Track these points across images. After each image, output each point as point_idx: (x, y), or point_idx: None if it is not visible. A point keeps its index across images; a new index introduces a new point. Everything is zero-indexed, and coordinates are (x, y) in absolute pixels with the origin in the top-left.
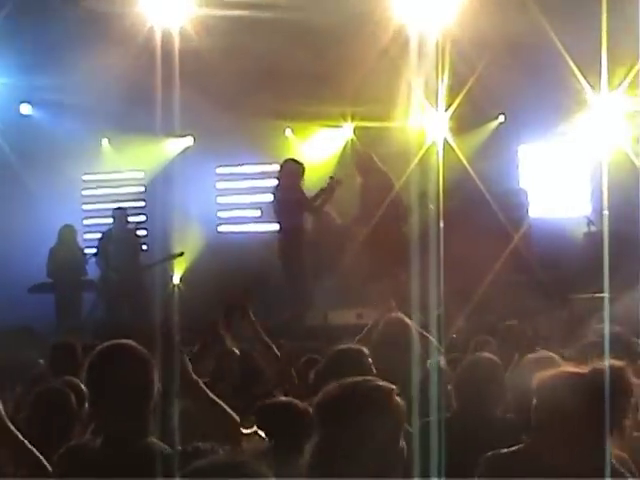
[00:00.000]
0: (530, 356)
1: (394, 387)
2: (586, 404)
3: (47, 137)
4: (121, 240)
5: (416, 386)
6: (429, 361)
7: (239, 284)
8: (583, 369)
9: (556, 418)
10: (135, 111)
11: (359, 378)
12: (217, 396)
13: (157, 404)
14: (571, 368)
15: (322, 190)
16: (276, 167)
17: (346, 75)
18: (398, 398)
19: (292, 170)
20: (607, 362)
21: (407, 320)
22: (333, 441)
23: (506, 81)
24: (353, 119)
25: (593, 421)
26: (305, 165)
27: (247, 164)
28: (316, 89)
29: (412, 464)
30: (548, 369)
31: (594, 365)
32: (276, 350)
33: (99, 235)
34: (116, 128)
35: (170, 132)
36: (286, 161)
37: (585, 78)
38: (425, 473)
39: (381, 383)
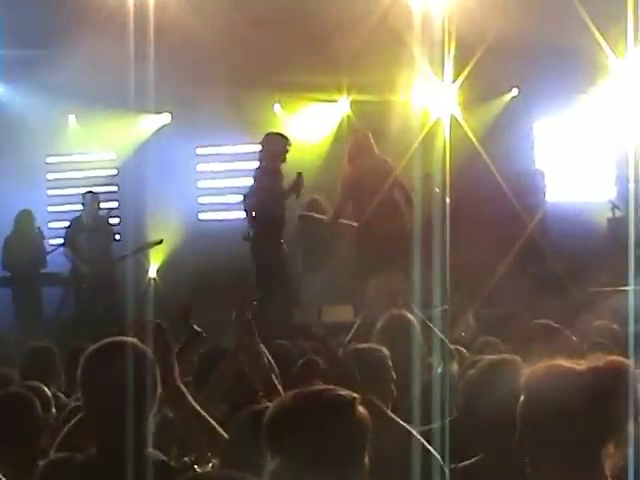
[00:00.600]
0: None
1: (356, 396)
2: (584, 406)
3: (8, 115)
4: (92, 229)
5: (419, 386)
6: (430, 359)
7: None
8: (581, 365)
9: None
10: (106, 86)
11: (316, 387)
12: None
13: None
14: (567, 363)
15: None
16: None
17: (342, 41)
18: (361, 408)
19: (272, 146)
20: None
21: (410, 317)
22: (288, 464)
23: (519, 51)
24: (349, 92)
25: (588, 426)
26: (293, 143)
27: (231, 144)
28: (308, 57)
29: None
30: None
31: (595, 362)
32: (268, 356)
33: (67, 223)
34: (85, 104)
35: (145, 108)
36: (267, 135)
37: (607, 42)
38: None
39: (342, 392)
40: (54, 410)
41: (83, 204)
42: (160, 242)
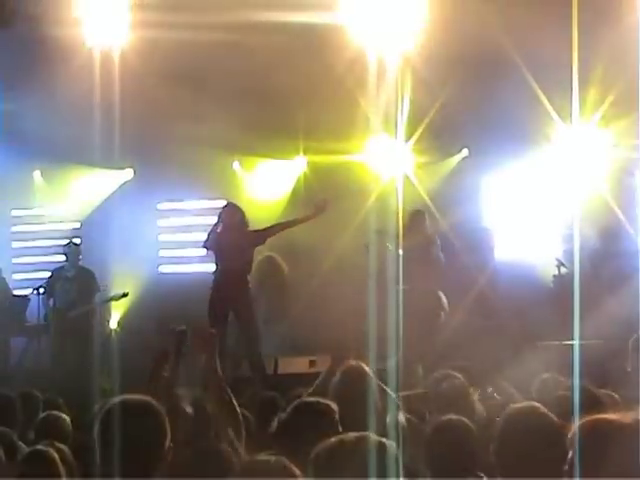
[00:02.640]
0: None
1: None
2: None
3: None
4: (72, 278)
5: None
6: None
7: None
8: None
9: None
10: (70, 141)
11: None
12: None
13: None
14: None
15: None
16: (222, 202)
17: (299, 105)
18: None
19: (233, 212)
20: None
21: (366, 369)
22: None
23: (470, 113)
24: (306, 152)
25: None
26: (254, 202)
27: (191, 199)
28: (266, 119)
29: None
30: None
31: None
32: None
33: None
34: (50, 159)
35: (109, 164)
36: (227, 205)
37: (555, 110)
38: None
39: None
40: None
41: (66, 254)
42: (126, 295)
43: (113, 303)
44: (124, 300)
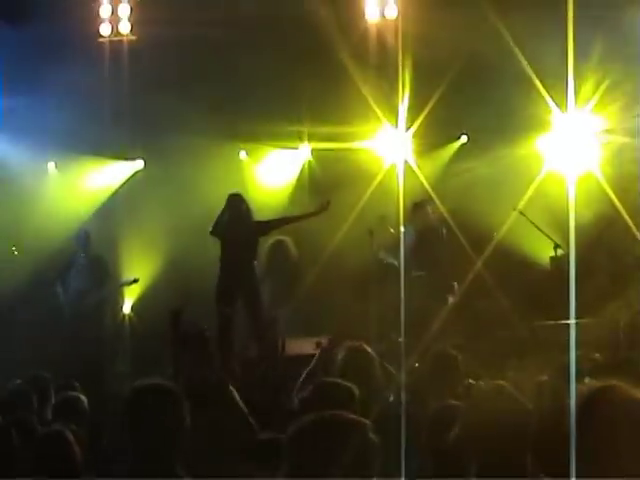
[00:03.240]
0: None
1: (368, 422)
2: None
3: None
4: (85, 265)
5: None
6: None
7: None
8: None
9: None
10: (83, 133)
11: (335, 411)
12: None
13: None
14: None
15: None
16: (231, 190)
17: (303, 93)
18: (372, 435)
19: (239, 202)
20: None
21: (369, 349)
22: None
23: (469, 100)
24: (310, 140)
25: None
26: (261, 190)
27: (201, 188)
28: (271, 108)
29: None
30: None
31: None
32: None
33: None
34: (63, 151)
35: (120, 154)
36: (232, 195)
37: (550, 96)
38: None
39: (358, 418)
40: None
41: (78, 243)
42: (136, 280)
43: (125, 289)
44: (135, 286)
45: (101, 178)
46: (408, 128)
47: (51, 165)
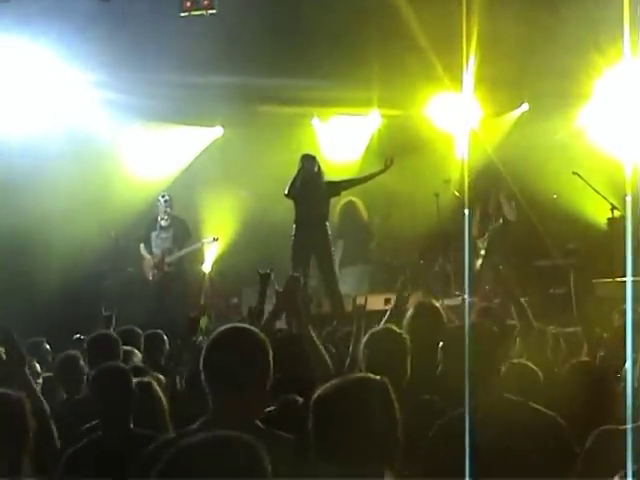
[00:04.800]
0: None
1: (386, 380)
2: None
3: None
4: (166, 227)
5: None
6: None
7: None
8: None
9: None
10: (165, 100)
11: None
12: None
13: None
14: None
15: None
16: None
17: (373, 60)
18: (392, 395)
19: (311, 163)
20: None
21: (437, 305)
22: (330, 434)
23: (529, 68)
24: (380, 106)
25: None
26: (331, 156)
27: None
28: (343, 75)
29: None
30: None
31: None
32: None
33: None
34: (146, 117)
35: (200, 122)
36: (305, 156)
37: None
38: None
39: (377, 378)
40: None
41: (159, 205)
42: (216, 239)
43: (206, 248)
44: (216, 245)
45: (182, 143)
46: (471, 96)
47: (137, 130)
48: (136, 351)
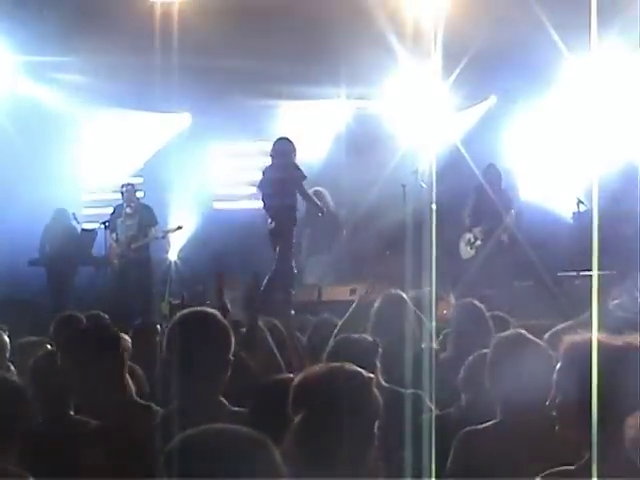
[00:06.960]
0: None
1: (373, 376)
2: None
3: (45, 115)
4: (130, 215)
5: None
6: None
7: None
8: (617, 341)
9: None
10: (134, 89)
11: (341, 363)
12: None
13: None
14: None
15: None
16: (270, 144)
17: (340, 53)
18: (376, 390)
19: (285, 149)
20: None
21: (405, 296)
22: (313, 423)
23: (498, 61)
24: (347, 98)
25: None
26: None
27: (242, 141)
28: (310, 69)
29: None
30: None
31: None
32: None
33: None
34: (114, 106)
35: (168, 109)
36: (278, 140)
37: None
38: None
39: (362, 371)
40: None
41: (122, 193)
42: (180, 227)
43: (171, 236)
44: (180, 233)
45: (150, 131)
46: (441, 87)
47: (102, 118)
48: None
